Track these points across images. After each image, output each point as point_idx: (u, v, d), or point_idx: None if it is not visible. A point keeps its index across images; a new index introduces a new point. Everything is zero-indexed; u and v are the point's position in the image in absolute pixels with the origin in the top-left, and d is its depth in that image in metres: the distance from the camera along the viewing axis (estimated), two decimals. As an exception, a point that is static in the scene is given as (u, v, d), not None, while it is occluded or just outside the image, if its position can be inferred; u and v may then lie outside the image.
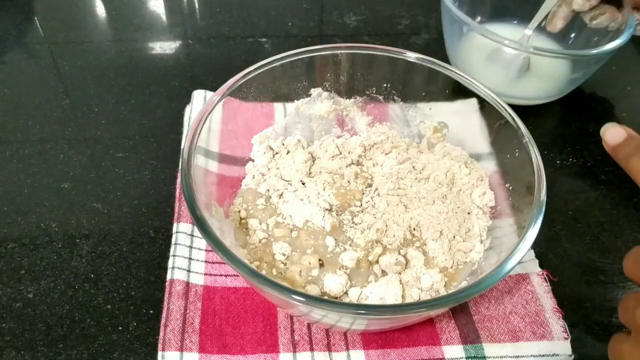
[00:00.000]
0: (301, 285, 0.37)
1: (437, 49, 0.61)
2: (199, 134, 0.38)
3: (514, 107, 0.41)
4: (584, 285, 0.43)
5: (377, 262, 0.39)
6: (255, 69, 0.42)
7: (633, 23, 0.52)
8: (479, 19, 0.63)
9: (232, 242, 0.38)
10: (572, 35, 0.59)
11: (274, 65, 0.43)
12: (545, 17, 0.56)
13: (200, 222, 0.32)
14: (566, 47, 0.59)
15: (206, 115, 0.39)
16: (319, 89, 0.46)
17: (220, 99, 0.41)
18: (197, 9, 0.73)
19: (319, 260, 0.38)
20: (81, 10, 0.72)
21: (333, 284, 0.36)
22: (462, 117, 0.44)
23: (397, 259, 0.38)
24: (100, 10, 0.72)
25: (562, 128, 0.58)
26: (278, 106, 0.47)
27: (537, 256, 0.43)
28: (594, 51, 0.51)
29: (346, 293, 0.37)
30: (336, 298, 0.36)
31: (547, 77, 0.54)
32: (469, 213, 0.41)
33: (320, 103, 0.47)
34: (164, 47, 0.66)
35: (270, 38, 0.67)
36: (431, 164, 0.44)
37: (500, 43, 0.51)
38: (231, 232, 0.40)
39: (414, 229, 0.40)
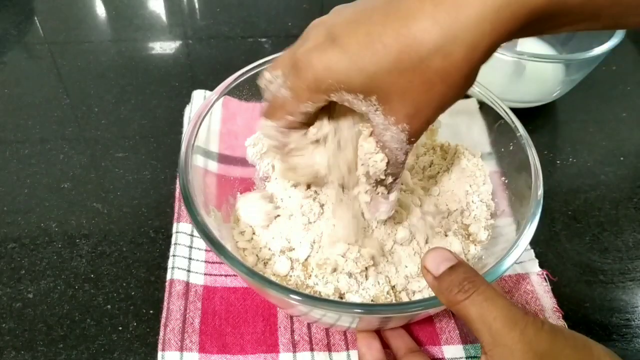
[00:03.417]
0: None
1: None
2: (196, 134, 0.38)
3: (515, 109, 0.41)
4: (584, 285, 0.43)
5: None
6: (250, 70, 0.42)
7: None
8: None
9: (231, 243, 0.38)
10: (566, 35, 0.59)
11: (262, 68, 0.43)
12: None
13: (197, 222, 0.32)
14: (560, 49, 0.59)
15: (202, 116, 0.39)
16: None
17: (217, 98, 0.40)
18: (197, 9, 0.73)
19: None
20: (81, 10, 0.72)
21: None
22: (463, 117, 0.44)
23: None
24: (100, 10, 0.72)
25: (562, 128, 0.58)
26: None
27: (537, 256, 0.43)
28: (586, 55, 0.50)
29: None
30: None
31: (543, 79, 0.54)
32: (467, 213, 0.41)
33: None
34: (164, 47, 0.66)
35: (270, 38, 0.67)
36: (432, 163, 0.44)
37: None
38: (230, 232, 0.40)
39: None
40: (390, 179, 0.32)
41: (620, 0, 0.25)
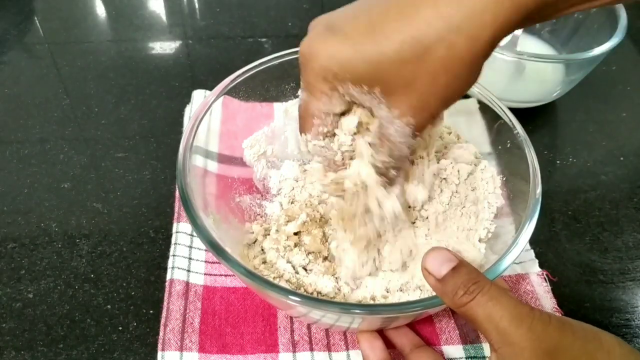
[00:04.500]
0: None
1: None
2: (194, 135, 0.38)
3: (515, 109, 0.40)
4: (584, 285, 0.43)
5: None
6: (249, 70, 0.42)
7: (625, 23, 0.51)
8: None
9: (231, 244, 0.38)
10: (565, 35, 0.59)
11: (259, 68, 0.42)
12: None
13: (196, 224, 0.32)
14: (560, 49, 0.59)
15: (200, 117, 0.39)
16: None
17: (215, 99, 0.40)
18: (197, 9, 0.73)
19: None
20: (81, 10, 0.72)
21: (324, 284, 0.36)
22: (463, 117, 0.44)
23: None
24: (100, 10, 0.72)
25: (562, 128, 0.58)
26: (278, 106, 0.47)
27: (537, 256, 0.43)
28: (586, 55, 0.50)
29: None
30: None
31: (543, 79, 0.54)
32: (475, 216, 0.41)
33: None
34: (164, 47, 0.66)
35: (270, 38, 0.67)
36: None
37: None
38: (229, 232, 0.40)
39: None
40: (392, 172, 0.32)
41: None
